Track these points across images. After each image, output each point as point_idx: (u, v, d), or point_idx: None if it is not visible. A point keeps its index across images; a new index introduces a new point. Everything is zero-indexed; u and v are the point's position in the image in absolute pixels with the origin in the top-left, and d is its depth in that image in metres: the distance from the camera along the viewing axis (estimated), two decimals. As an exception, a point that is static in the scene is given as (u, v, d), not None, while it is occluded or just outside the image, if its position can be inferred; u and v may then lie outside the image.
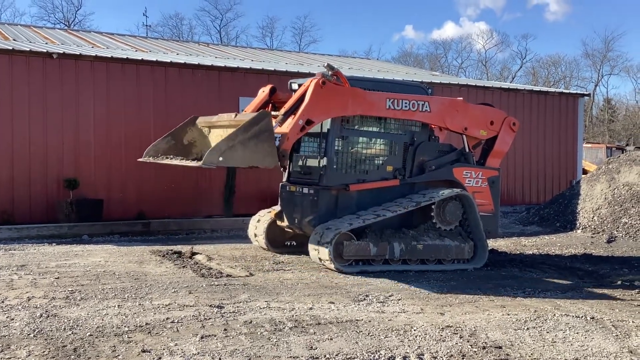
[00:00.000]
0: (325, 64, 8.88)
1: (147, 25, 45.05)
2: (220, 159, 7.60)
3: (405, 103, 9.27)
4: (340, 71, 8.93)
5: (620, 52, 72.79)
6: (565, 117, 19.50)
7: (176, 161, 9.02)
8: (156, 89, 13.79)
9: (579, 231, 13.62)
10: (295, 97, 8.78)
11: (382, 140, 9.50)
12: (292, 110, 8.59)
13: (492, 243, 11.05)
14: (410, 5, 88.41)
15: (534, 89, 20.34)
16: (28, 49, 12.78)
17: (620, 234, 12.67)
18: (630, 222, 12.88)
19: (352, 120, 9.22)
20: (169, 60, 14.25)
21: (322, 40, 73.35)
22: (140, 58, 14.04)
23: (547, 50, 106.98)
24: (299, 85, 9.48)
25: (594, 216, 13.75)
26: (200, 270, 8.44)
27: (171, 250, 10.13)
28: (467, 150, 9.96)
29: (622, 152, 21.49)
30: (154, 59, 14.10)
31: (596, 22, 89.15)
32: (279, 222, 9.90)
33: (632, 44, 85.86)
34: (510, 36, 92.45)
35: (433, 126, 9.99)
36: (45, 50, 12.87)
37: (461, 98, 10.23)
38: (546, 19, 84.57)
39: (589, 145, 31.59)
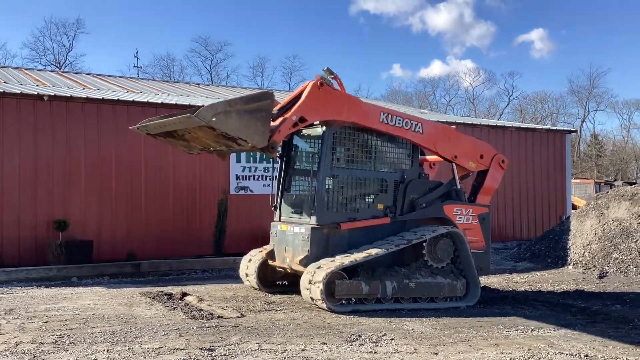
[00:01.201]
0: (325, 68, 9.03)
1: (138, 67, 45.37)
2: (214, 119, 7.47)
3: (399, 120, 9.41)
4: (339, 77, 9.07)
5: (606, 88, 74.26)
6: (553, 153, 19.72)
7: (166, 119, 8.60)
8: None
9: (570, 267, 13.62)
10: (292, 95, 8.89)
11: (372, 178, 9.54)
12: (288, 108, 8.67)
13: (484, 280, 11.02)
14: (398, 44, 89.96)
15: (522, 126, 20.61)
16: (19, 92, 12.82)
17: (612, 270, 12.69)
18: (620, 257, 12.91)
19: (342, 159, 9.28)
20: (160, 101, 14.34)
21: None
22: (131, 99, 14.12)
23: (533, 88, 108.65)
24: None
25: (584, 252, 13.78)
26: (191, 311, 8.35)
27: (161, 291, 10.02)
28: (458, 185, 10.04)
29: (611, 188, 21.68)
30: (145, 100, 14.19)
31: (581, 59, 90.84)
32: (270, 262, 9.85)
33: (617, 80, 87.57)
34: (497, 74, 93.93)
35: (422, 164, 10.07)
36: (36, 93, 12.93)
37: (454, 127, 10.37)
38: (532, 57, 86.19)
39: (578, 180, 31.83)
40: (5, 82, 15.74)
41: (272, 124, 8.30)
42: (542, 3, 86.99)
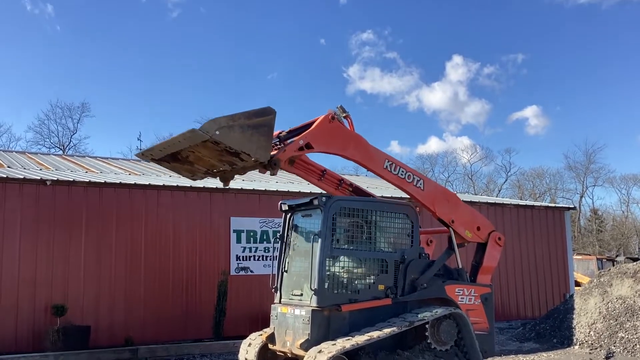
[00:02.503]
0: (339, 105, 9.22)
1: (141, 149, 46.09)
2: (217, 132, 7.49)
3: (402, 171, 9.53)
4: (351, 117, 9.27)
5: (603, 164, 74.85)
6: (554, 230, 19.73)
7: (170, 139, 8.43)
8: (148, 212, 13.92)
9: (576, 347, 13.35)
10: (304, 123, 9.06)
11: (372, 258, 9.49)
12: (297, 133, 8.86)
13: (489, 362, 10.77)
14: (395, 122, 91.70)
15: (520, 203, 20.72)
16: (22, 177, 13.00)
17: (618, 349, 12.43)
18: (627, 336, 12.68)
19: (342, 239, 9.28)
20: (161, 184, 14.50)
21: (311, 158, 75.01)
22: (133, 182, 14.29)
23: (530, 164, 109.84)
24: (289, 206, 9.66)
25: (590, 331, 13.54)
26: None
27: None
28: (459, 264, 9.98)
29: (613, 264, 21.56)
30: (147, 183, 14.36)
31: (576, 135, 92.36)
32: (270, 346, 9.65)
33: (613, 156, 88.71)
34: (494, 150, 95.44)
35: (422, 245, 10.05)
36: (39, 178, 13.10)
37: (455, 192, 10.45)
38: (527, 133, 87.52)
39: (580, 257, 31.65)
40: (9, 167, 15.97)
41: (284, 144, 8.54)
42: (535, 81, 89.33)
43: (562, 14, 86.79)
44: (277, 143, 9.00)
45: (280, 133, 9.20)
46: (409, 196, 9.81)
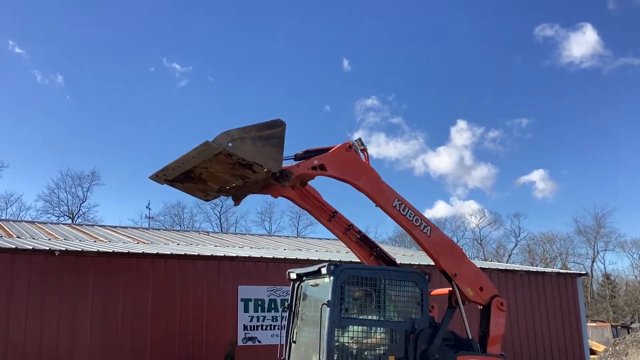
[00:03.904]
0: (358, 138, 9.42)
1: (149, 217, 46.31)
2: (230, 144, 7.65)
3: (411, 213, 9.53)
4: (368, 150, 9.46)
5: (613, 228, 74.18)
6: (566, 297, 19.39)
7: (182, 157, 8.40)
8: (155, 281, 13.84)
9: (595, 419, 12.91)
10: (322, 147, 9.21)
11: (382, 329, 9.33)
12: (314, 154, 9.01)
13: None
14: (402, 186, 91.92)
15: (531, 270, 20.46)
16: (31, 247, 12.99)
17: (639, 421, 12.01)
18: (647, 407, 12.28)
19: (350, 309, 9.15)
20: (169, 252, 14.49)
21: (318, 223, 74.87)
22: (141, 251, 14.28)
23: (540, 228, 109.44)
24: (297, 275, 9.61)
25: (608, 402, 13.13)
26: None
27: None
28: (468, 334, 9.77)
29: (628, 331, 21.10)
30: (155, 252, 14.35)
31: (585, 198, 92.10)
32: (279, 420, 9.41)
33: (624, 220, 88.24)
34: (502, 215, 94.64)
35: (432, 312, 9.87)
36: (47, 248, 13.10)
37: (462, 248, 10.32)
38: (535, 197, 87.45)
39: (594, 324, 30.98)
40: (18, 237, 16.04)
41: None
42: (540, 145, 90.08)
43: (564, 79, 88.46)
44: (294, 160, 9.15)
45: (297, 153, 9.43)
46: (414, 240, 9.77)
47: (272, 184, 8.82)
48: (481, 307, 10.13)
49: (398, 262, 10.68)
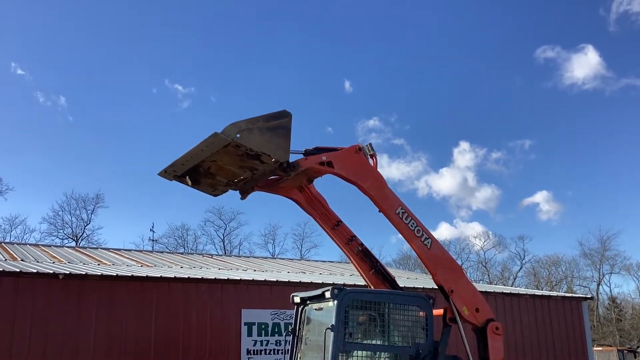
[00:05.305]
0: (368, 143, 9.50)
1: (153, 240, 46.35)
2: (238, 135, 7.77)
3: (413, 223, 9.50)
4: (376, 157, 9.53)
5: (618, 250, 73.76)
6: (572, 321, 19.25)
7: (191, 151, 8.41)
8: (159, 304, 13.81)
9: None
10: (332, 147, 9.27)
11: (386, 354, 9.26)
12: (324, 150, 9.09)
13: None
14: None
15: (537, 294, 20.33)
16: (35, 271, 12.99)
17: None
18: None
19: (354, 333, 9.09)
20: (172, 276, 14.47)
21: (322, 245, 75.07)
22: (145, 275, 14.27)
23: (545, 250, 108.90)
24: (301, 299, 9.57)
25: None
26: None
27: None
28: (469, 355, 9.66)
29: (635, 355, 20.90)
30: (159, 275, 14.34)
31: (590, 220, 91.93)
32: None
33: (629, 242, 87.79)
34: (507, 237, 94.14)
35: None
36: (52, 272, 13.10)
37: (462, 266, 10.23)
38: (539, 218, 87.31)
39: (600, 348, 30.68)
40: (22, 260, 16.05)
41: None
42: (543, 166, 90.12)
43: (566, 100, 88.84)
44: (303, 156, 9.15)
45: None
46: (414, 251, 9.73)
47: (279, 175, 8.88)
48: (474, 329, 10.00)
49: (402, 286, 10.61)
